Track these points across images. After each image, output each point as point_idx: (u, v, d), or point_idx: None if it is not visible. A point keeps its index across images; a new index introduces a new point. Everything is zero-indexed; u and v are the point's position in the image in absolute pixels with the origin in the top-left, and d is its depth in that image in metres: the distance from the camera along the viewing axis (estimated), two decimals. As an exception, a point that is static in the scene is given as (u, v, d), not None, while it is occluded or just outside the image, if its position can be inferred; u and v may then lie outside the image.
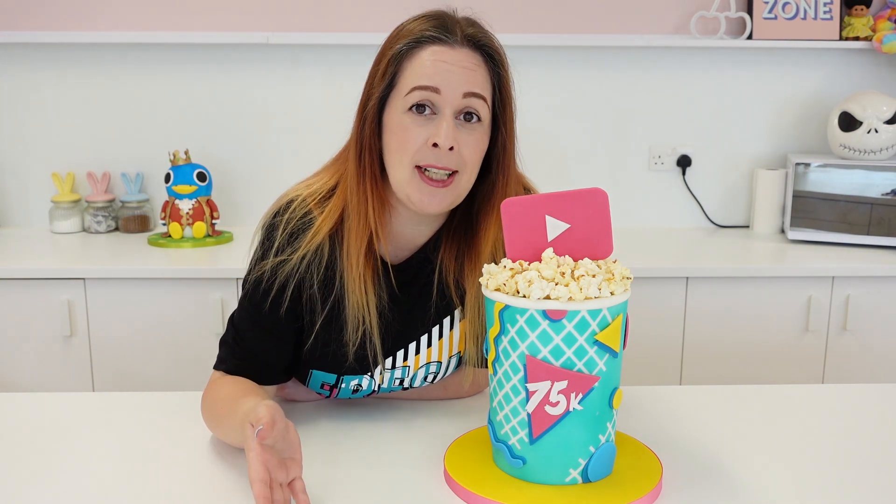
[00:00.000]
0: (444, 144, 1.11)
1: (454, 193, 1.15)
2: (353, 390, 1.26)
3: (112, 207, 2.64)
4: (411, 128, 1.12)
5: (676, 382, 2.32)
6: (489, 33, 1.17)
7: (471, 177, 1.16)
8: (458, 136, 1.12)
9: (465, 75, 1.12)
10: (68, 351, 2.24)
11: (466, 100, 1.12)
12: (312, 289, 1.18)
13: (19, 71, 2.60)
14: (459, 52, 1.13)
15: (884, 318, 2.30)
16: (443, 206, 1.15)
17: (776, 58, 2.66)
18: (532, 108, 2.69)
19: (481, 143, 1.15)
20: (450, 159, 1.12)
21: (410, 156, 1.12)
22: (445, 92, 1.11)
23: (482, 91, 1.14)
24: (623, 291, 0.99)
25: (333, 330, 1.20)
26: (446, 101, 1.12)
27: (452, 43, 1.13)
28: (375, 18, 2.60)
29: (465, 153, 1.13)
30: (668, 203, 2.76)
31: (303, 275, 1.18)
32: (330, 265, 1.18)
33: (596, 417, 1.00)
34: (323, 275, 1.18)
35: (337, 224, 1.18)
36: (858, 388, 1.41)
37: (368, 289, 1.17)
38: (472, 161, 1.15)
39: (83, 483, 1.06)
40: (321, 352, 1.21)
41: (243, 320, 1.21)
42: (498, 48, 1.17)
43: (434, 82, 1.11)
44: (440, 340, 1.25)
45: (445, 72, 1.12)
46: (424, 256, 1.24)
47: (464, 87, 1.12)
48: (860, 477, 1.09)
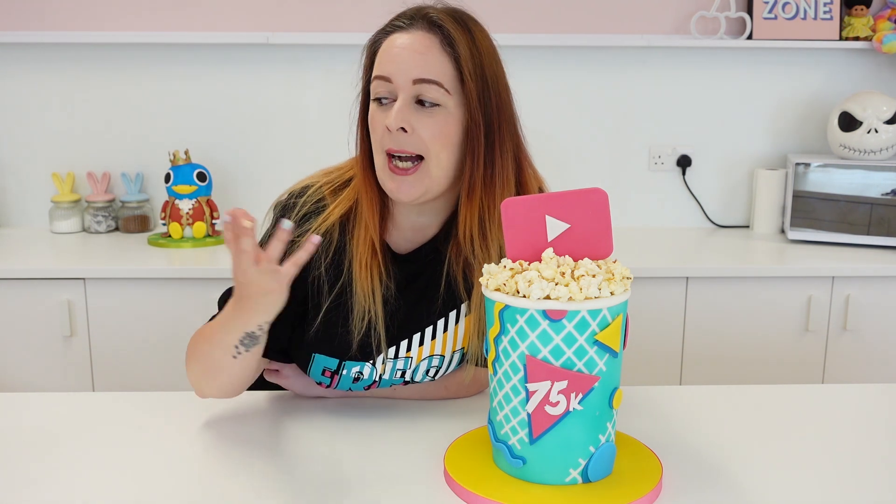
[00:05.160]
0: (392, 126, 1.12)
1: (423, 181, 1.15)
2: (354, 378, 1.26)
3: (112, 207, 2.64)
4: (375, 116, 1.16)
5: (676, 382, 2.32)
6: (454, 14, 1.16)
7: (440, 162, 1.15)
8: (412, 119, 1.13)
9: (415, 60, 1.13)
10: (68, 351, 2.24)
11: (417, 86, 1.13)
12: (319, 270, 1.21)
13: (19, 71, 2.60)
14: (413, 35, 1.14)
15: (884, 318, 2.30)
16: (413, 194, 1.15)
17: (776, 58, 2.66)
18: (532, 108, 2.67)
19: (443, 126, 1.14)
20: (407, 142, 1.13)
21: (378, 143, 1.16)
22: (396, 79, 1.13)
23: (433, 76, 1.13)
24: (623, 291, 0.99)
25: (340, 315, 1.21)
26: (399, 87, 1.14)
27: (409, 27, 1.15)
28: (375, 18, 2.59)
29: (424, 136, 1.13)
30: (668, 203, 2.76)
31: (311, 261, 1.19)
32: (339, 251, 1.21)
33: (596, 417, 1.00)
34: (331, 259, 1.21)
35: (348, 212, 1.21)
36: (858, 388, 1.41)
37: (374, 278, 1.19)
38: (435, 144, 1.14)
39: (83, 483, 1.06)
40: (326, 335, 1.22)
41: None
42: (456, 28, 1.14)
43: (385, 72, 1.14)
44: (444, 334, 1.26)
45: (396, 58, 1.14)
46: (434, 248, 1.25)
47: (413, 73, 1.13)
48: (860, 477, 1.09)
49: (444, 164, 1.16)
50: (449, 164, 1.16)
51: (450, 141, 1.15)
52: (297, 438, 1.18)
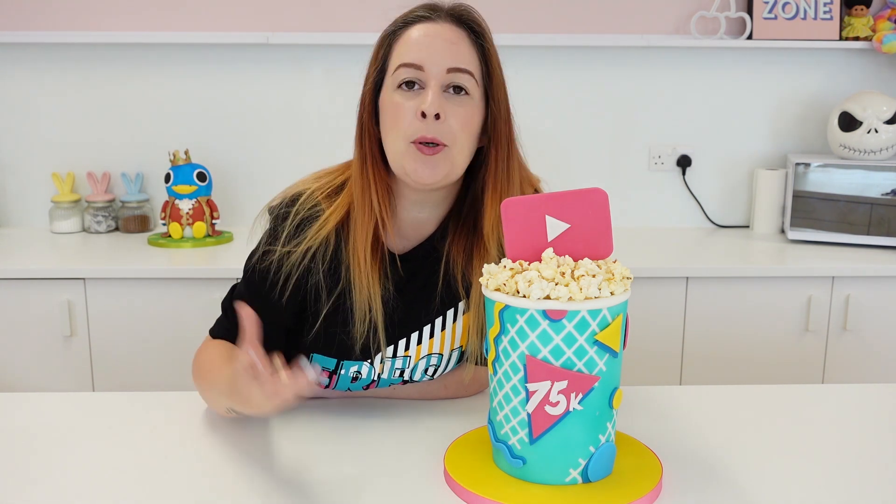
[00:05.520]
0: (429, 111, 1.11)
1: (446, 165, 1.15)
2: (353, 378, 1.26)
3: (112, 207, 2.64)
4: (401, 103, 1.14)
5: (676, 382, 2.32)
6: (474, 10, 1.19)
7: (462, 150, 1.16)
8: (445, 106, 1.13)
9: (448, 49, 1.14)
10: (68, 351, 2.24)
11: (451, 75, 1.14)
12: (318, 276, 1.20)
13: (19, 71, 2.60)
14: (442, 25, 1.15)
15: (884, 318, 2.30)
16: (437, 176, 1.15)
17: (776, 58, 2.66)
18: (532, 107, 2.69)
19: (471, 116, 1.16)
20: (438, 129, 1.13)
21: (403, 130, 1.14)
22: (429, 67, 1.13)
23: (467, 66, 1.15)
24: (623, 291, 0.99)
25: (339, 318, 1.21)
26: (431, 75, 1.13)
27: (435, 18, 1.16)
28: (375, 18, 2.59)
29: (453, 123, 1.13)
30: (668, 203, 2.76)
31: (308, 266, 1.19)
32: (336, 256, 1.20)
33: (596, 417, 1.00)
34: (329, 265, 1.20)
35: (344, 218, 1.20)
36: (858, 388, 1.41)
37: (374, 282, 1.18)
38: (462, 133, 1.15)
39: (83, 483, 1.06)
40: (326, 339, 1.22)
41: (240, 295, 1.24)
42: (481, 23, 1.18)
43: (417, 59, 1.14)
44: (443, 332, 1.26)
45: (428, 47, 1.14)
46: (431, 245, 1.25)
47: (447, 62, 1.13)
48: (860, 477, 1.09)
49: (465, 152, 1.17)
50: (468, 153, 1.18)
51: (473, 131, 1.17)
52: (298, 438, 1.18)
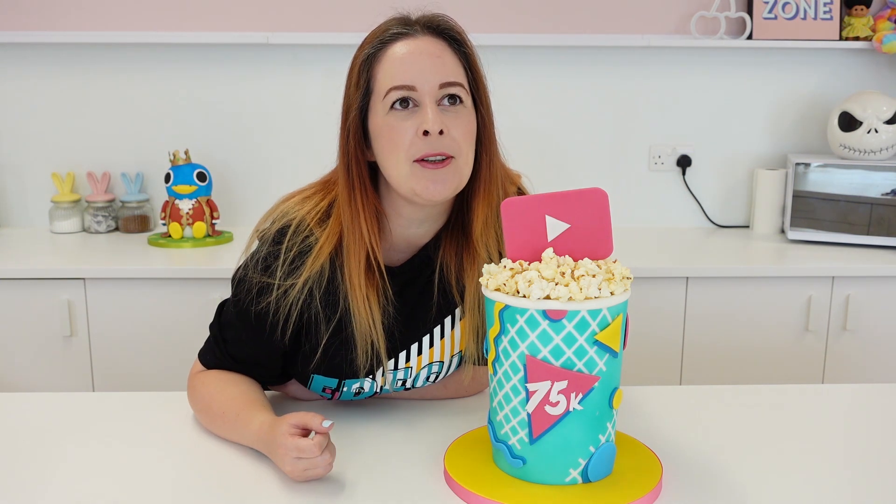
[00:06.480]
0: (433, 129, 1.10)
1: (455, 178, 1.14)
2: (356, 393, 1.26)
3: (112, 207, 2.64)
4: (397, 124, 1.12)
5: (676, 382, 2.32)
6: (447, 17, 1.18)
7: (467, 159, 1.15)
8: (445, 120, 1.12)
9: (435, 64, 1.13)
10: (68, 351, 2.24)
11: (444, 89, 1.13)
12: (316, 307, 1.17)
13: (19, 71, 2.60)
14: (421, 39, 1.14)
15: (884, 318, 2.30)
16: (447, 190, 1.13)
17: (776, 58, 2.66)
18: (532, 108, 2.69)
19: (469, 125, 1.15)
20: (442, 144, 1.11)
21: (405, 151, 1.11)
22: (421, 86, 1.12)
23: (456, 78, 1.14)
24: (623, 291, 0.99)
25: (339, 345, 1.19)
26: (424, 93, 1.12)
27: (413, 33, 1.14)
28: (375, 18, 2.59)
29: (455, 135, 1.13)
30: (668, 203, 2.76)
31: (306, 299, 1.17)
32: (331, 284, 1.18)
33: (596, 417, 1.00)
34: (325, 293, 1.17)
35: (337, 245, 1.17)
36: (858, 388, 1.41)
37: (373, 306, 1.16)
38: (465, 143, 1.14)
39: (83, 483, 1.06)
40: (327, 363, 1.21)
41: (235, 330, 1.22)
42: (459, 30, 1.17)
43: (409, 80, 1.12)
44: (442, 340, 1.25)
45: (415, 65, 1.12)
46: (425, 256, 1.23)
47: (438, 77, 1.12)
48: (860, 477, 1.09)
49: (469, 161, 1.16)
50: (472, 161, 1.17)
51: (472, 138, 1.16)
52: (297, 438, 1.18)
